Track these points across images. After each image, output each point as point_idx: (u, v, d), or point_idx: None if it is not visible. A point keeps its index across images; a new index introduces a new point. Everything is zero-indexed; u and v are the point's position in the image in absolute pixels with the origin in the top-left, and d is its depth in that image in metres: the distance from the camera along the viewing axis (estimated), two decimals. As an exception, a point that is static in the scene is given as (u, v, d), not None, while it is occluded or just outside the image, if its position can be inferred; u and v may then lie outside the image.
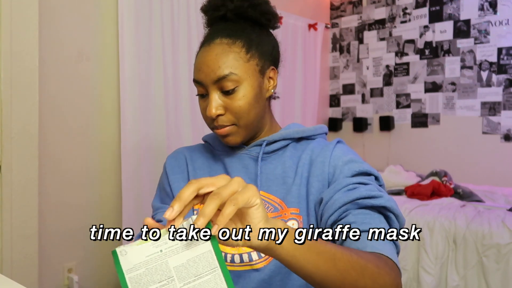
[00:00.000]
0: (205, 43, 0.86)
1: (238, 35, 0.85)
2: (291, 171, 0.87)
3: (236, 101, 0.83)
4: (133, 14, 2.23)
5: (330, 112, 4.09)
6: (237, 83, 0.82)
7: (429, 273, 2.18)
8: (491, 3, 3.14)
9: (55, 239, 2.05)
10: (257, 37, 0.87)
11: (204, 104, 0.86)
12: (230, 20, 0.87)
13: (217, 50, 0.83)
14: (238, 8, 0.86)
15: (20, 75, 1.83)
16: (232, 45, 0.83)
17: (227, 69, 0.81)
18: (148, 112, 2.31)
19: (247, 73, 0.83)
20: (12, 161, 1.82)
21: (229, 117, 0.84)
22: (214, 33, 0.86)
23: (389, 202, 0.77)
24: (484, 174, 3.14)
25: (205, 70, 0.82)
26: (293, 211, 0.83)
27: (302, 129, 0.92)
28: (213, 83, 0.82)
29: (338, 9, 4.04)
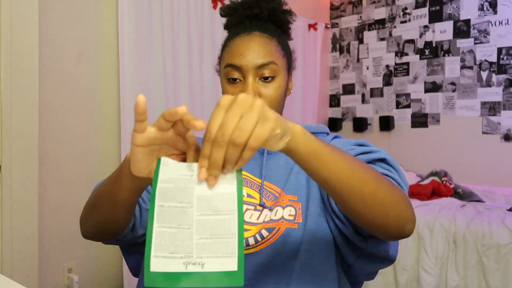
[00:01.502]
0: (242, 33, 0.89)
1: (273, 33, 0.90)
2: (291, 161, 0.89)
3: (272, 89, 0.86)
4: (133, 14, 2.24)
5: (330, 112, 4.09)
6: (275, 73, 0.87)
7: (429, 273, 2.18)
8: (491, 3, 3.14)
9: (55, 239, 2.05)
10: (285, 40, 0.94)
11: (234, 90, 0.87)
12: (262, 20, 0.91)
13: (259, 39, 0.87)
14: (272, 10, 0.91)
15: (20, 75, 1.83)
16: (271, 39, 0.89)
17: (271, 58, 0.86)
18: (148, 111, 2.31)
19: (283, 67, 0.89)
20: (12, 161, 1.82)
21: None
22: (250, 27, 0.90)
23: (387, 155, 0.80)
24: (484, 174, 3.14)
25: (249, 55, 0.85)
26: (290, 198, 0.85)
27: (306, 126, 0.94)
28: (256, 68, 0.85)
29: (338, 9, 4.04)
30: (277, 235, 0.81)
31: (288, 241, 0.81)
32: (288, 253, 0.81)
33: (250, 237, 0.82)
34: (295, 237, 0.81)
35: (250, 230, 0.83)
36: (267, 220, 0.83)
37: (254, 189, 0.88)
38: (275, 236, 0.81)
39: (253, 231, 0.83)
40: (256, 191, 0.88)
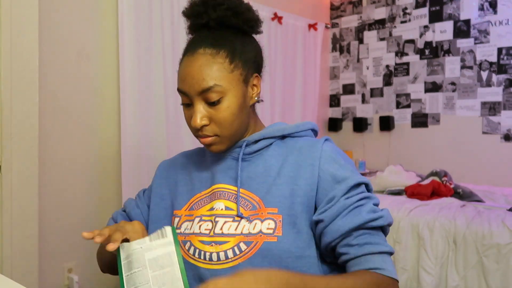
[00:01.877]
0: (188, 52, 0.85)
1: (221, 44, 0.84)
2: (273, 170, 0.88)
3: (220, 112, 0.83)
4: (133, 13, 2.23)
5: (330, 112, 4.09)
6: (222, 94, 0.82)
7: (429, 273, 2.18)
8: (491, 3, 3.14)
9: (55, 239, 2.05)
10: (240, 45, 0.86)
11: (188, 113, 0.87)
12: (213, 28, 0.86)
13: (201, 60, 0.82)
14: (221, 18, 0.85)
15: (20, 75, 1.83)
16: (216, 55, 0.83)
17: (211, 81, 0.81)
18: (148, 111, 2.31)
19: (231, 83, 0.83)
20: (12, 161, 1.82)
21: (213, 127, 0.85)
22: (197, 42, 0.85)
23: (388, 219, 0.82)
24: (484, 174, 3.15)
25: (189, 81, 0.83)
26: (270, 210, 0.84)
27: (284, 127, 0.93)
28: (198, 95, 0.83)
29: (338, 9, 4.04)
30: (255, 249, 0.81)
31: (267, 255, 0.80)
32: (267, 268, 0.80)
33: (229, 249, 0.82)
34: (274, 250, 0.80)
35: (228, 242, 0.83)
36: (245, 232, 0.83)
37: (231, 201, 0.87)
38: (253, 250, 0.81)
39: (231, 242, 0.82)
40: (233, 201, 0.87)
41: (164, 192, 0.99)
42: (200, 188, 0.93)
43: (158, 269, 0.74)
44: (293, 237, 0.81)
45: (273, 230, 0.82)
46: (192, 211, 0.91)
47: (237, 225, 0.84)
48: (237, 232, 0.83)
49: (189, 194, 0.94)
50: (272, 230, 0.82)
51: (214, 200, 0.89)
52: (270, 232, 0.82)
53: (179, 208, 0.94)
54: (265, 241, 0.81)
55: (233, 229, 0.84)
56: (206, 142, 0.86)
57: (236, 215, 0.85)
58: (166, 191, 0.99)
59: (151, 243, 0.76)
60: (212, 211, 0.88)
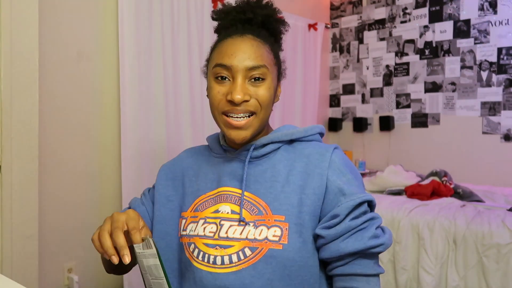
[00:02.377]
0: (235, 35, 0.87)
1: (266, 40, 0.89)
2: (282, 177, 0.87)
3: (262, 89, 0.85)
4: (133, 13, 2.23)
5: (330, 112, 4.09)
6: (266, 76, 0.86)
7: (429, 273, 2.18)
8: (491, 3, 3.14)
9: (55, 239, 2.05)
10: (277, 48, 0.93)
11: (221, 88, 0.85)
12: (255, 26, 0.90)
13: (252, 42, 0.86)
14: (267, 16, 0.90)
15: (20, 75, 1.83)
16: (264, 44, 0.88)
17: (262, 61, 0.85)
18: (148, 112, 2.31)
19: (273, 72, 0.88)
20: (12, 161, 1.82)
21: (253, 103, 0.85)
22: (244, 29, 0.88)
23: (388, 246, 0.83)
24: (484, 174, 3.15)
25: (240, 55, 0.84)
26: (277, 218, 0.83)
27: (292, 131, 0.92)
28: (246, 70, 0.84)
29: (338, 9, 4.04)
30: (259, 255, 0.81)
31: (271, 262, 0.80)
32: (271, 275, 0.80)
33: (234, 253, 0.82)
34: (279, 258, 0.80)
35: (233, 246, 0.82)
36: (250, 237, 0.82)
37: (237, 204, 0.87)
38: (257, 256, 0.81)
39: (236, 247, 0.82)
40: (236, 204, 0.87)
41: (171, 193, 0.98)
42: (205, 189, 0.93)
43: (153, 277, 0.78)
44: (299, 246, 0.81)
45: (279, 237, 0.81)
46: (196, 213, 0.91)
47: (242, 230, 0.84)
48: (242, 236, 0.83)
49: (195, 195, 0.94)
50: (278, 237, 0.81)
51: (219, 202, 0.89)
52: (276, 239, 0.81)
53: (185, 210, 0.93)
54: (270, 248, 0.81)
55: (238, 233, 0.83)
56: (239, 124, 0.84)
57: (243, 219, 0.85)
58: (173, 192, 0.98)
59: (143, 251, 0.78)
60: (218, 214, 0.87)
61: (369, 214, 0.84)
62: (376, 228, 0.83)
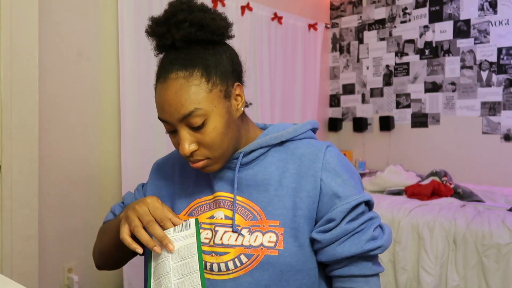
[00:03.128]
0: (161, 78, 0.79)
1: (193, 64, 0.77)
2: (274, 179, 0.85)
3: (207, 135, 0.78)
4: (133, 13, 2.23)
5: (330, 112, 4.09)
6: (205, 117, 0.77)
7: (429, 273, 2.18)
8: (491, 3, 3.14)
9: (55, 239, 2.05)
10: (213, 59, 0.79)
11: (175, 140, 0.83)
12: (181, 48, 0.79)
13: (175, 86, 0.76)
14: (186, 36, 0.77)
15: (20, 75, 1.83)
16: (190, 77, 0.76)
17: (191, 106, 0.76)
18: (148, 111, 2.31)
19: (212, 103, 0.77)
20: (12, 161, 1.82)
21: (202, 151, 0.80)
22: (167, 65, 0.78)
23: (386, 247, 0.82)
24: (484, 174, 3.15)
25: (167, 109, 0.77)
26: (272, 223, 0.82)
27: (281, 133, 0.89)
28: (180, 121, 0.78)
29: (338, 9, 4.04)
30: (255, 262, 0.80)
31: (268, 269, 0.79)
32: (268, 281, 0.79)
33: (230, 260, 0.81)
34: (275, 264, 0.79)
35: (229, 253, 0.81)
36: (246, 244, 0.81)
37: (231, 209, 0.85)
38: (253, 263, 0.80)
39: (232, 254, 0.81)
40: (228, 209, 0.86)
41: (162, 193, 0.96)
42: (200, 194, 0.90)
43: (179, 260, 0.76)
44: (295, 250, 0.80)
45: (275, 243, 0.80)
46: (191, 217, 0.88)
47: (237, 236, 0.82)
48: (237, 243, 0.81)
49: (189, 199, 0.91)
50: (273, 243, 0.80)
51: (215, 208, 0.87)
52: (271, 245, 0.80)
53: (178, 213, 0.91)
54: (266, 254, 0.80)
55: (233, 240, 0.82)
56: (199, 166, 0.82)
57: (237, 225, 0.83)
58: (164, 192, 0.96)
59: (175, 234, 0.77)
60: (212, 220, 0.86)
61: (367, 215, 0.83)
62: (374, 229, 0.82)
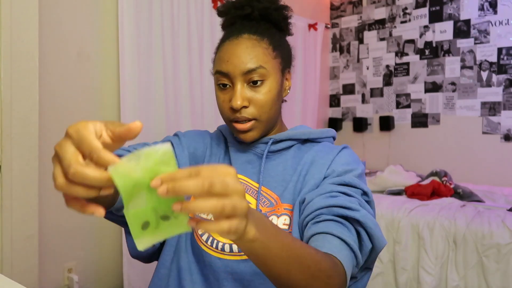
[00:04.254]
0: (231, 37, 0.87)
1: (264, 33, 0.88)
2: (291, 169, 0.89)
3: (261, 94, 0.85)
4: (133, 13, 2.24)
5: (330, 112, 4.09)
6: (264, 77, 0.85)
7: (429, 273, 2.18)
8: (491, 3, 3.14)
9: (55, 239, 2.05)
10: (279, 38, 0.91)
11: (224, 96, 0.87)
12: (254, 20, 0.90)
13: (246, 43, 0.85)
14: (264, 9, 0.89)
15: (20, 75, 1.83)
16: (260, 41, 0.86)
17: (257, 62, 0.84)
18: (148, 111, 2.31)
19: (273, 69, 0.87)
20: (12, 161, 1.82)
21: (252, 110, 0.85)
22: (240, 29, 0.88)
23: (364, 218, 0.75)
24: (484, 174, 3.14)
25: (234, 61, 0.84)
26: (286, 206, 0.85)
27: (309, 131, 0.94)
28: (242, 75, 0.84)
29: (338, 9, 4.04)
30: None
31: None
32: None
33: None
34: None
35: None
36: None
37: (250, 194, 0.87)
38: None
39: None
40: (253, 196, 0.87)
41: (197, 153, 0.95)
42: None
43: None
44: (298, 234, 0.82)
45: (288, 226, 0.83)
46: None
47: None
48: None
49: None
50: (287, 226, 0.83)
51: None
52: (285, 227, 0.82)
53: None
54: None
55: None
56: (244, 128, 0.86)
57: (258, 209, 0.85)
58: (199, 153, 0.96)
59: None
60: None
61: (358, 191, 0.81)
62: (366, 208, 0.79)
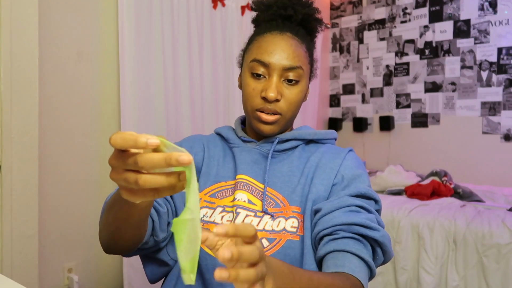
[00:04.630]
0: (275, 31, 0.88)
1: (304, 39, 0.90)
2: (298, 171, 0.89)
3: (294, 93, 0.87)
4: (133, 14, 2.23)
5: (330, 112, 4.09)
6: (300, 78, 0.87)
7: (429, 273, 2.18)
8: (491, 3, 3.14)
9: (55, 239, 2.05)
10: (312, 47, 0.94)
11: (256, 85, 0.87)
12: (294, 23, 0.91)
13: (291, 41, 0.87)
14: (306, 15, 0.91)
15: (20, 75, 1.83)
16: (301, 44, 0.89)
17: (299, 62, 0.86)
18: (148, 112, 2.31)
19: (307, 73, 0.90)
20: (12, 161, 1.82)
21: (282, 105, 0.87)
22: (282, 27, 0.89)
23: (383, 238, 0.78)
24: (484, 174, 3.14)
25: (279, 54, 0.85)
26: (294, 209, 0.84)
27: (314, 132, 0.95)
28: (282, 69, 0.85)
29: (338, 9, 4.04)
30: (277, 246, 0.80)
31: (289, 254, 0.80)
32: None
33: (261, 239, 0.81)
34: (296, 249, 0.80)
35: None
36: (268, 228, 0.82)
37: (255, 196, 0.87)
38: (275, 247, 0.80)
39: None
40: (258, 197, 0.86)
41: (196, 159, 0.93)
42: (225, 177, 0.91)
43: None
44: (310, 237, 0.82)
45: (296, 229, 0.82)
46: (214, 199, 0.89)
47: (259, 221, 0.83)
48: (259, 228, 0.82)
49: (213, 179, 0.91)
50: (295, 228, 0.82)
51: (236, 190, 0.87)
52: (293, 230, 0.82)
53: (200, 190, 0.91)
54: (288, 239, 0.81)
55: (255, 224, 0.83)
56: (269, 119, 0.87)
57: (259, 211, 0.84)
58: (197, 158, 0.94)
59: None
60: (234, 202, 0.86)
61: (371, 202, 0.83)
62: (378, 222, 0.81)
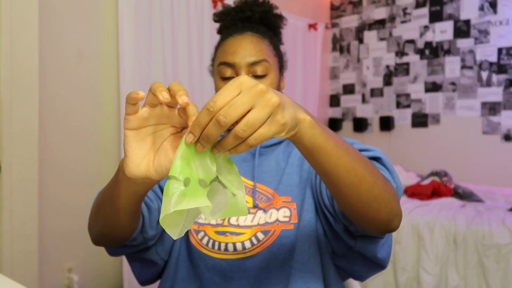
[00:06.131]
0: (235, 33, 0.91)
1: (265, 34, 0.93)
2: (283, 162, 0.90)
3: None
4: (133, 14, 2.24)
5: (330, 112, 4.09)
6: (267, 71, 0.88)
7: (429, 273, 2.18)
8: (491, 3, 3.14)
9: (55, 239, 2.05)
10: (276, 42, 0.96)
11: None
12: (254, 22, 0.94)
13: (252, 39, 0.89)
14: (264, 13, 0.94)
15: (20, 75, 1.83)
16: (263, 39, 0.91)
17: (262, 55, 0.88)
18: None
19: (274, 65, 0.91)
20: (12, 161, 1.82)
21: None
22: (242, 28, 0.92)
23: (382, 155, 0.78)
24: (484, 174, 3.14)
25: (241, 53, 0.87)
26: (284, 199, 0.85)
27: None
28: (248, 66, 0.87)
29: (338, 9, 4.04)
30: (273, 237, 0.81)
31: (285, 243, 0.81)
32: (286, 254, 0.81)
33: (246, 240, 0.82)
34: (291, 238, 0.81)
35: (245, 233, 0.83)
36: (261, 222, 0.83)
37: (246, 193, 0.88)
38: (271, 238, 0.81)
39: (248, 234, 0.82)
40: (249, 194, 0.88)
41: None
42: None
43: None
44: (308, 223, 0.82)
45: (289, 218, 0.83)
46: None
47: (253, 217, 0.84)
48: (253, 223, 0.83)
49: None
50: (288, 218, 0.83)
51: None
52: (286, 220, 0.83)
53: None
54: (282, 229, 0.82)
55: (249, 221, 0.84)
56: None
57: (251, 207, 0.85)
58: None
59: None
60: None
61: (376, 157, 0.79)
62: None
